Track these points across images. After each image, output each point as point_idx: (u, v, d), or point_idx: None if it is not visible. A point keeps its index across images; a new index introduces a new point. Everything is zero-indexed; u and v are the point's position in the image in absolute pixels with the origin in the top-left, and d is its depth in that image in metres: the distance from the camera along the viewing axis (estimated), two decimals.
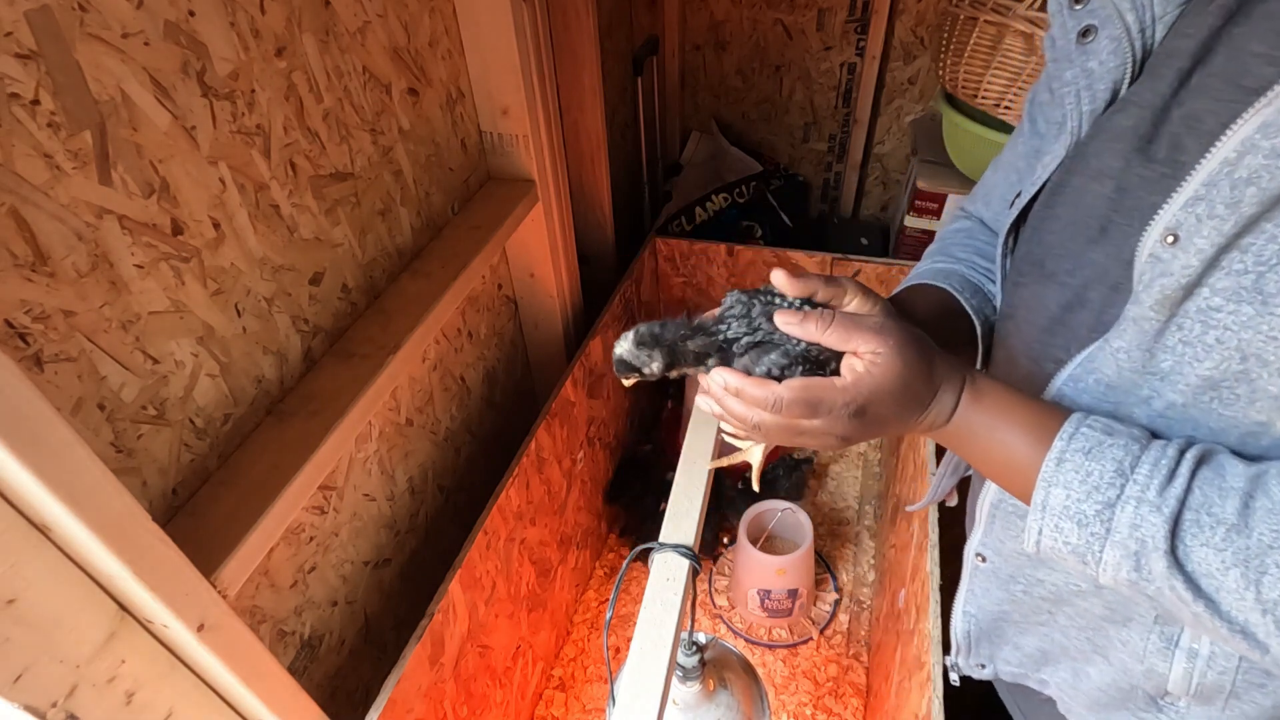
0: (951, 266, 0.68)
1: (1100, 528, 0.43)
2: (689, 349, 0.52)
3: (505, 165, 1.05)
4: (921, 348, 0.48)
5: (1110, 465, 0.43)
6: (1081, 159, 0.52)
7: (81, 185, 0.49)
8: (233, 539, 0.57)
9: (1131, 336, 0.45)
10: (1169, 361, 0.44)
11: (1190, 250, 0.41)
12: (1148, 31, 0.49)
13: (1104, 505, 0.42)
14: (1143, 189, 0.46)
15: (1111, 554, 0.43)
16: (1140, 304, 0.44)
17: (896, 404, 0.48)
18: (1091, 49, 0.51)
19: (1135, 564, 0.42)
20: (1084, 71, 0.51)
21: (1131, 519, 0.42)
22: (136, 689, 0.51)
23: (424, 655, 0.77)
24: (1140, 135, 0.47)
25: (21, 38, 0.45)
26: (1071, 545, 0.44)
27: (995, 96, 1.25)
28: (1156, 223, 0.43)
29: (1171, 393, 0.44)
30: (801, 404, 0.47)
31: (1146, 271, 0.44)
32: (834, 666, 1.21)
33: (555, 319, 1.21)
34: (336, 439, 0.68)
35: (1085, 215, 0.51)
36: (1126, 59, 0.49)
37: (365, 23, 0.76)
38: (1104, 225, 0.49)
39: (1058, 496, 0.44)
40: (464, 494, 1.09)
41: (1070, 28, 0.52)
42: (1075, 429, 0.45)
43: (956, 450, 0.52)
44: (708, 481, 0.67)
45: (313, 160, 0.71)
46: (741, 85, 1.84)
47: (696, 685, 0.71)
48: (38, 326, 0.48)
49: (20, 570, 0.43)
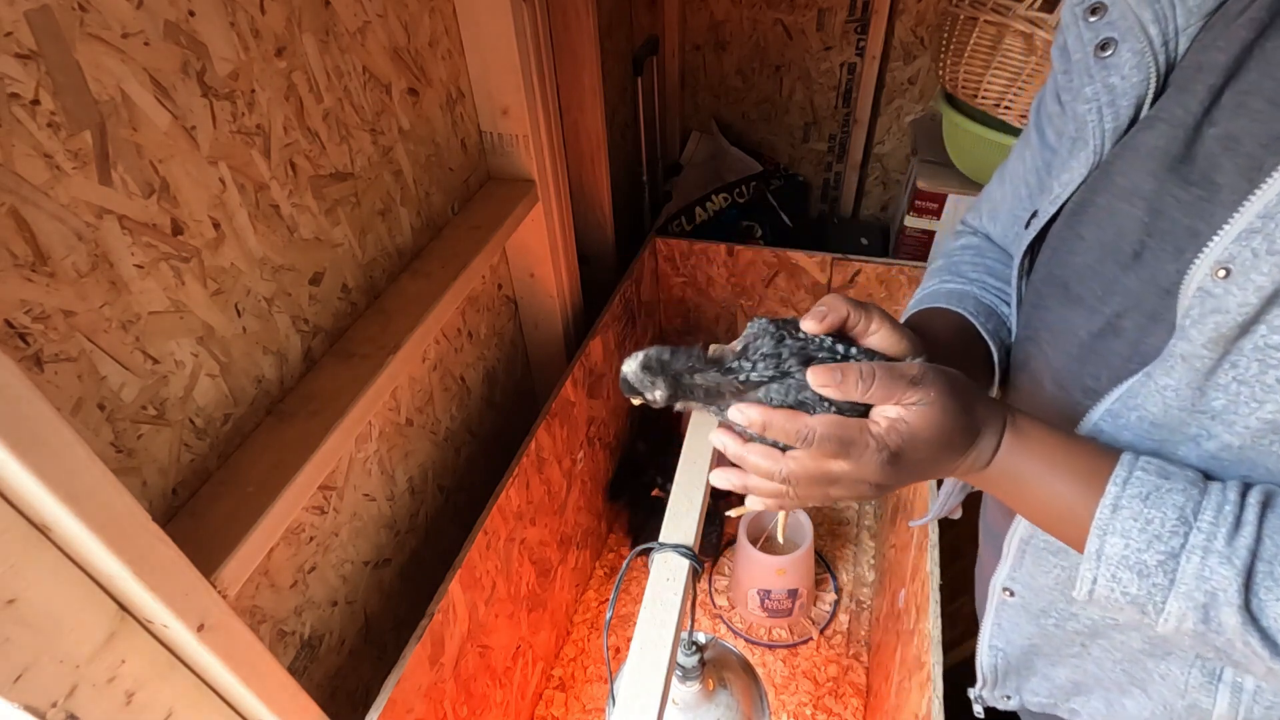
0: (964, 288, 0.66)
1: (1163, 578, 0.41)
2: (697, 384, 0.47)
3: (505, 165, 1.05)
4: (963, 395, 0.45)
5: (1171, 512, 0.41)
6: (1106, 178, 0.50)
7: (81, 185, 0.49)
8: (233, 539, 0.57)
9: (1180, 374, 0.43)
10: (1221, 401, 0.42)
11: (1248, 287, 0.39)
12: (1171, 44, 0.47)
13: (1167, 555, 0.41)
14: (1178, 211, 0.44)
15: (1176, 605, 0.41)
16: (1190, 340, 0.42)
17: (933, 451, 0.45)
18: (1112, 63, 0.48)
19: (1203, 616, 0.40)
20: (1105, 87, 0.49)
21: (1198, 570, 0.40)
22: (136, 689, 0.51)
23: (424, 655, 0.77)
24: (1172, 155, 0.45)
25: (21, 38, 0.45)
26: (1130, 595, 0.42)
27: (995, 96, 1.25)
28: (1205, 255, 0.41)
29: (1227, 434, 0.42)
30: (834, 440, 0.44)
31: (1195, 306, 0.41)
32: (834, 666, 1.21)
33: (555, 319, 1.21)
34: (336, 439, 0.68)
35: (1115, 238, 0.48)
36: (1150, 73, 0.47)
37: (365, 23, 0.76)
38: (1137, 250, 0.47)
39: (1115, 545, 0.42)
40: (464, 494, 1.09)
41: (1087, 40, 0.50)
42: (1129, 472, 0.43)
43: (997, 494, 0.49)
44: (708, 481, 0.67)
45: (313, 160, 0.71)
46: (741, 85, 1.84)
47: (696, 685, 0.70)
48: (38, 326, 0.48)
49: (20, 570, 0.43)
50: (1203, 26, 0.46)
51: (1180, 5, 0.46)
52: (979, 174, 1.45)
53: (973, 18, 1.23)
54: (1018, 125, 1.25)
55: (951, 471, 0.48)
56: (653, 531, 0.66)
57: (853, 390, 0.44)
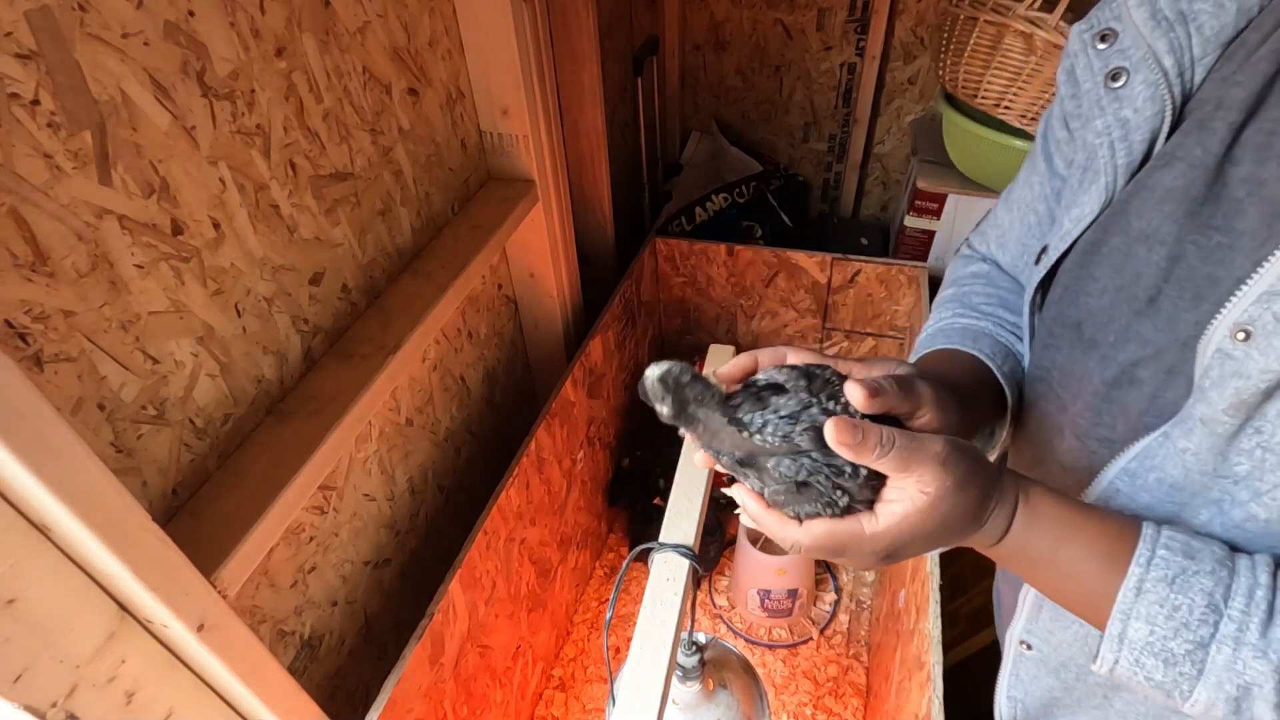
0: (979, 325, 0.64)
1: (1191, 668, 0.39)
2: (699, 418, 0.46)
3: (505, 165, 1.05)
4: (980, 481, 0.43)
5: (1200, 598, 0.39)
6: (1121, 218, 0.47)
7: (81, 185, 0.49)
8: (233, 539, 0.57)
9: (1200, 438, 0.41)
10: (1245, 467, 0.40)
11: (1270, 353, 0.37)
12: (1186, 75, 0.44)
13: (1195, 645, 0.39)
14: (1197, 259, 0.42)
15: (1205, 694, 0.39)
16: (1209, 404, 0.40)
17: (933, 542, 0.44)
18: (1124, 95, 0.46)
19: (1235, 708, 0.39)
20: (1118, 120, 0.46)
21: (1229, 661, 0.38)
22: (136, 689, 0.51)
23: (424, 655, 0.77)
24: (1192, 197, 0.43)
25: (21, 38, 0.45)
26: (1155, 681, 0.40)
27: (995, 96, 1.25)
28: (1224, 316, 0.39)
29: (1253, 503, 0.40)
30: (824, 549, 0.43)
31: (1214, 368, 0.39)
32: (834, 666, 1.21)
33: (555, 319, 1.21)
34: (336, 439, 0.68)
35: (1129, 282, 0.46)
36: (1165, 106, 0.45)
37: (365, 23, 0.76)
38: (1153, 295, 0.45)
39: (1138, 630, 0.40)
40: (464, 494, 1.09)
41: (1097, 69, 0.47)
42: (1152, 551, 0.40)
43: (1012, 569, 0.47)
44: (708, 481, 0.67)
45: (313, 160, 0.71)
46: (741, 85, 1.84)
47: (696, 685, 0.70)
48: (38, 326, 0.48)
49: (20, 570, 0.43)
50: (1220, 56, 0.43)
51: (1196, 35, 0.43)
52: (979, 174, 1.45)
53: (973, 18, 1.23)
54: (1017, 125, 1.25)
55: (959, 545, 0.46)
56: (652, 537, 0.66)
57: (868, 455, 0.41)
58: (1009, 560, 0.46)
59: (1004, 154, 1.32)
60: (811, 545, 0.43)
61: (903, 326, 1.44)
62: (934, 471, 0.41)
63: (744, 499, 0.46)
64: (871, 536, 0.42)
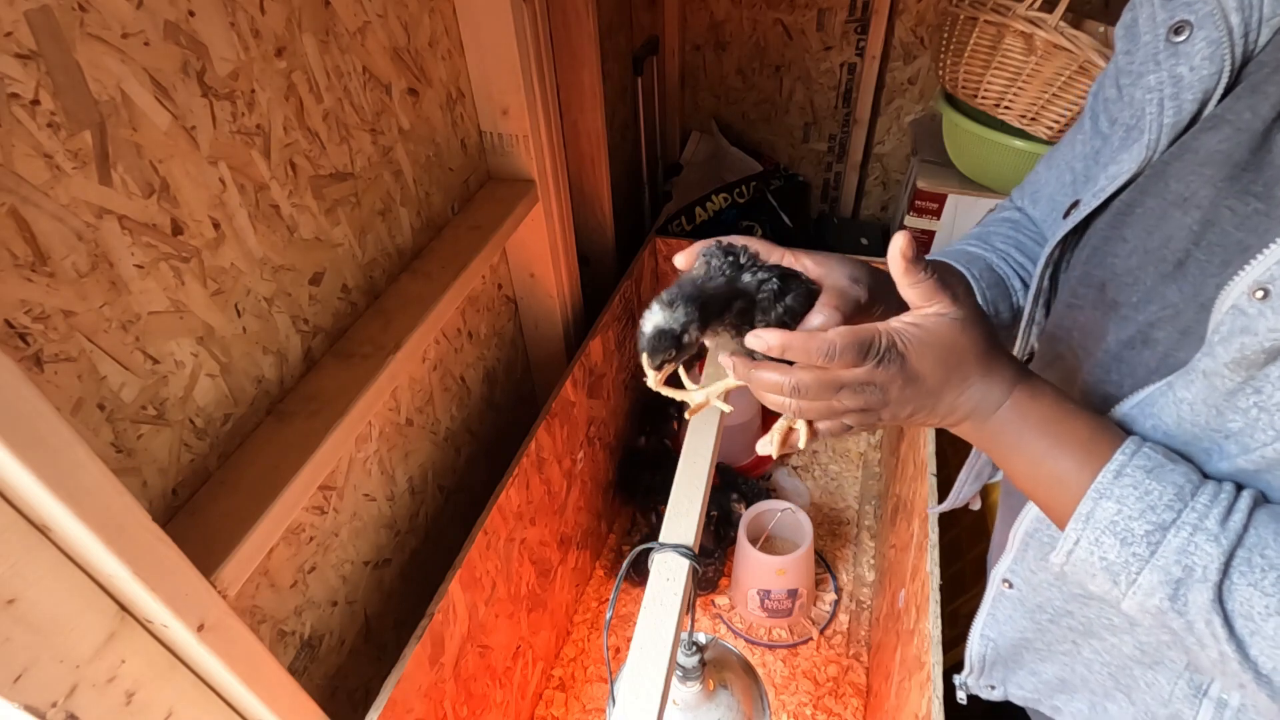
0: (981, 253, 0.64)
1: (1144, 549, 0.40)
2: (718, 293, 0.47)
3: (505, 165, 1.05)
4: (985, 327, 0.45)
5: (1170, 488, 0.40)
6: (1159, 179, 0.46)
7: (81, 185, 0.49)
8: (233, 539, 0.57)
9: (1199, 390, 0.41)
10: (1239, 423, 0.40)
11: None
12: (1252, 35, 0.42)
13: (1156, 527, 0.40)
14: (1231, 224, 0.41)
15: (1149, 578, 0.40)
16: (1214, 358, 0.40)
17: (942, 371, 0.44)
18: (1183, 51, 0.44)
19: (1172, 592, 0.40)
20: (1171, 77, 0.45)
21: (1183, 544, 0.39)
22: (136, 689, 0.51)
23: (424, 655, 0.77)
24: (1234, 162, 0.41)
25: (21, 38, 0.45)
26: (1107, 562, 0.42)
27: (995, 96, 1.25)
28: (1246, 273, 0.38)
29: (1241, 458, 0.41)
30: (853, 347, 0.43)
31: (1226, 323, 0.39)
32: (834, 666, 1.21)
33: (555, 319, 1.21)
34: (336, 439, 0.68)
35: (1160, 244, 0.45)
36: (1223, 66, 0.43)
37: (365, 23, 0.76)
38: (1181, 259, 0.44)
39: (1106, 510, 0.41)
40: (464, 494, 1.09)
41: (1160, 20, 0.45)
42: (1138, 447, 0.42)
43: (994, 453, 0.48)
44: (708, 481, 0.67)
45: (313, 160, 0.71)
46: (741, 85, 1.84)
47: (696, 685, 0.70)
48: (38, 326, 0.48)
49: (20, 570, 0.43)
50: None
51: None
52: (979, 174, 1.45)
53: (973, 18, 1.23)
54: (1017, 125, 1.25)
55: (955, 407, 0.46)
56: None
57: (917, 271, 0.43)
58: (996, 439, 0.46)
59: (1004, 154, 1.33)
60: (844, 344, 0.43)
61: None
62: (951, 304, 0.43)
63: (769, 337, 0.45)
64: (888, 330, 0.43)
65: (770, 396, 0.47)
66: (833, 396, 0.45)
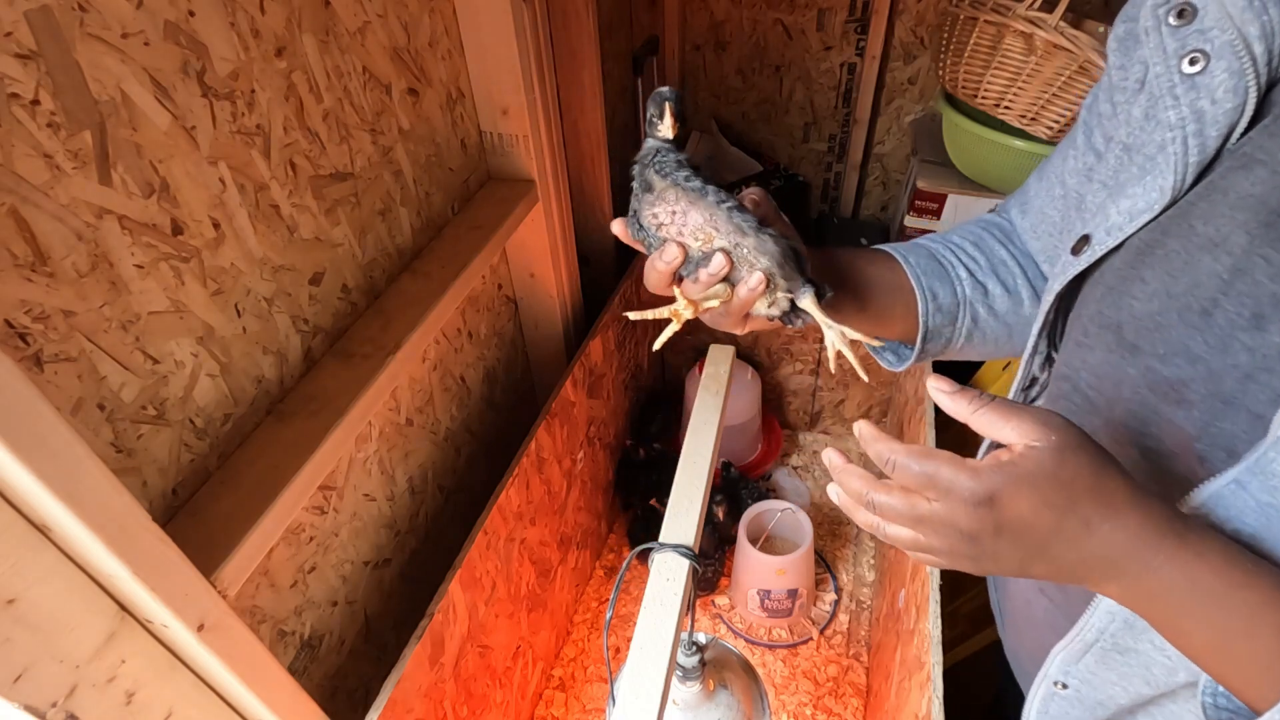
0: (927, 244, 0.63)
1: None
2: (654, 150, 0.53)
3: (505, 165, 1.05)
4: (1095, 454, 0.38)
5: None
6: (1183, 220, 0.43)
7: (81, 185, 0.49)
8: (233, 539, 0.57)
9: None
10: None
11: None
12: (1275, 62, 0.39)
13: None
14: (1265, 274, 0.38)
15: None
16: None
17: (1049, 512, 0.36)
18: (1202, 83, 0.41)
19: None
20: (1193, 113, 0.41)
21: None
22: (136, 689, 0.51)
23: (424, 655, 0.77)
24: (1270, 208, 0.38)
25: (21, 38, 0.45)
26: None
27: (995, 96, 1.25)
28: None
29: None
30: (918, 472, 0.38)
31: None
32: (834, 666, 1.21)
33: (555, 319, 1.21)
34: (336, 439, 0.68)
35: (1185, 290, 0.42)
36: (1246, 97, 0.40)
37: (365, 23, 0.76)
38: (1208, 307, 0.40)
39: None
40: (464, 494, 1.09)
41: (1171, 50, 0.42)
42: None
43: (1154, 619, 0.39)
44: (708, 481, 0.67)
45: (313, 160, 0.71)
46: (741, 85, 1.84)
47: (696, 685, 0.71)
48: (38, 326, 0.48)
49: (20, 570, 0.43)
50: None
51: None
52: (979, 174, 1.45)
53: (973, 18, 1.23)
54: (1017, 125, 1.25)
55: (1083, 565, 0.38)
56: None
57: (963, 406, 0.39)
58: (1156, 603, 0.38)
59: (1004, 154, 1.32)
60: (905, 460, 0.38)
61: None
62: (1038, 428, 0.37)
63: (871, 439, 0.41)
64: (972, 467, 0.37)
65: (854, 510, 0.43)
66: (914, 531, 0.40)
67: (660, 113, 0.53)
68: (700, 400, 0.75)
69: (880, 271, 0.62)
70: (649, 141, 0.54)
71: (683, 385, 1.53)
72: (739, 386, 1.44)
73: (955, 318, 0.63)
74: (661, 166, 0.52)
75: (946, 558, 0.40)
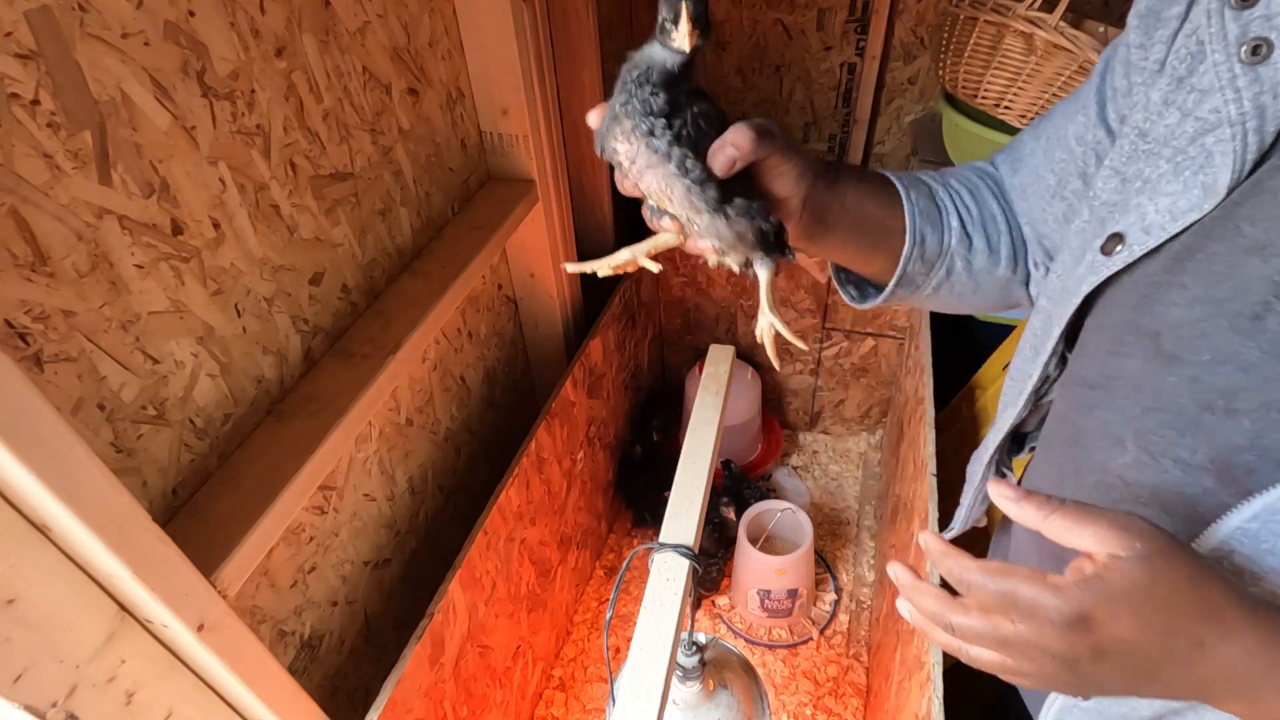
0: (927, 181, 0.60)
1: None
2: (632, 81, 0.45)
3: (505, 165, 1.05)
4: (1188, 559, 0.35)
5: None
6: (1228, 222, 0.40)
7: (81, 185, 0.49)
8: (233, 539, 0.57)
9: None
10: None
11: None
12: None
13: None
14: None
15: None
16: None
17: (1153, 632, 0.34)
18: (1265, 75, 0.37)
19: None
20: (1255, 108, 0.38)
21: None
22: (136, 689, 0.51)
23: (424, 655, 0.77)
24: None
25: (21, 38, 0.45)
26: None
27: (995, 96, 1.25)
28: None
29: None
30: (996, 593, 0.35)
31: None
32: (834, 666, 1.21)
33: (555, 319, 1.21)
34: (336, 439, 0.68)
35: (1231, 295, 0.39)
36: None
37: (365, 23, 0.76)
38: (1259, 312, 0.38)
39: None
40: (464, 494, 1.09)
41: (1232, 36, 0.38)
42: None
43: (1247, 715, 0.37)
44: (708, 481, 0.67)
45: (313, 160, 0.71)
46: (741, 85, 1.84)
47: (696, 685, 0.71)
48: (38, 326, 0.48)
49: (20, 570, 0.43)
50: None
51: None
52: None
53: (973, 18, 1.23)
54: (1017, 125, 1.25)
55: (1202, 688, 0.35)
56: None
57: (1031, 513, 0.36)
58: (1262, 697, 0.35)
59: None
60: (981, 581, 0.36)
61: (903, 326, 1.44)
62: (1120, 537, 0.34)
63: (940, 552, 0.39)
64: (1055, 585, 0.34)
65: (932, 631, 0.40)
66: (1001, 655, 0.37)
67: (674, 14, 0.41)
68: (700, 400, 0.75)
69: (880, 213, 0.58)
70: (649, 50, 0.45)
71: (683, 385, 1.53)
72: (739, 386, 1.44)
73: (933, 266, 0.60)
74: (631, 107, 0.44)
75: (1043, 681, 0.37)
